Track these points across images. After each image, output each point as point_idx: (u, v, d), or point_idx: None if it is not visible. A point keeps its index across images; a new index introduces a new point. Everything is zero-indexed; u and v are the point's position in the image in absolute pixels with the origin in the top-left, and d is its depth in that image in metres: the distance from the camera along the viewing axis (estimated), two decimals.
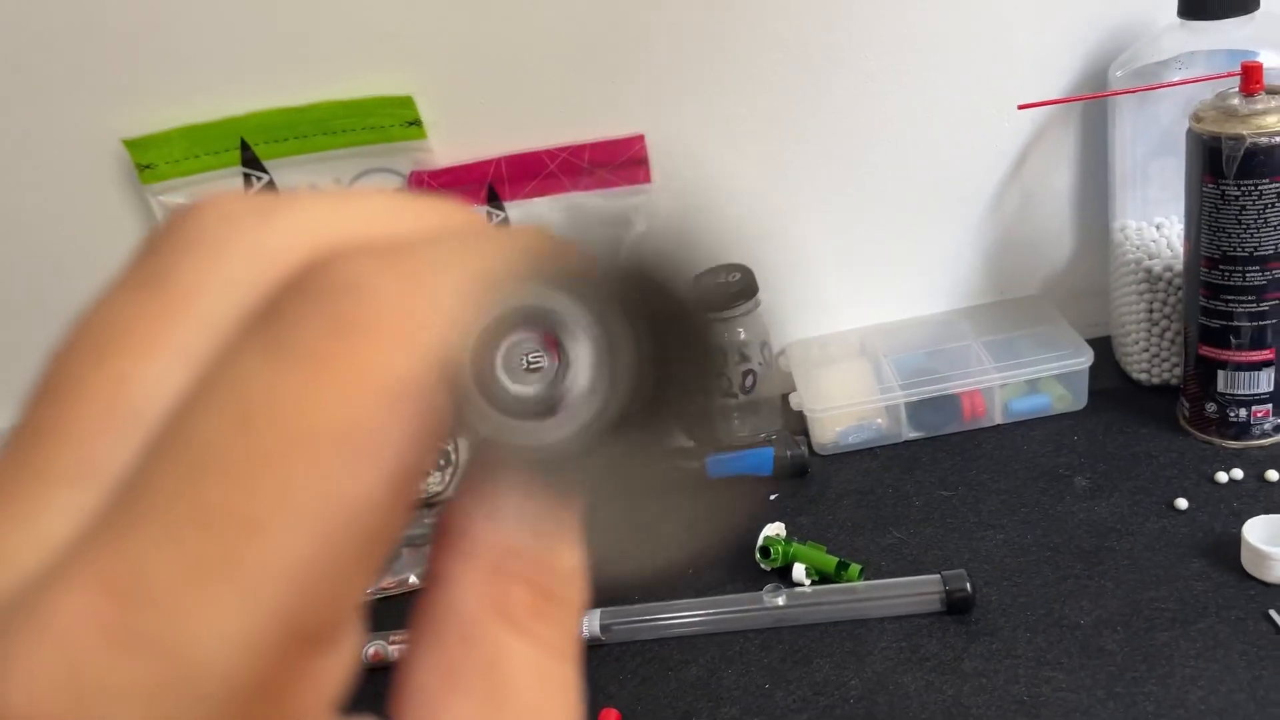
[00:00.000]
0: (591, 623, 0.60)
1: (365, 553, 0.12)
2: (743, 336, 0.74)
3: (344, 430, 0.12)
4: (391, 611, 0.45)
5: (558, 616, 0.14)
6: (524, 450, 0.13)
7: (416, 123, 0.71)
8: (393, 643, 0.60)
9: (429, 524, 0.61)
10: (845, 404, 0.72)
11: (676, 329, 0.14)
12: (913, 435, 0.72)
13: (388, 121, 0.70)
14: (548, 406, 0.13)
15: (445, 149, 0.72)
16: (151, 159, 0.71)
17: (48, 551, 0.12)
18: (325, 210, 0.14)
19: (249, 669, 0.11)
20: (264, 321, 0.13)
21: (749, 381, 0.75)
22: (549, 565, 0.14)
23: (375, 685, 0.14)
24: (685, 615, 0.60)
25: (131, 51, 0.70)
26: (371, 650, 0.59)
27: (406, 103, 0.70)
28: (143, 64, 0.71)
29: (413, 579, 0.65)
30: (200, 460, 0.12)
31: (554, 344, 0.13)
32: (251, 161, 0.72)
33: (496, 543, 0.14)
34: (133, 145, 0.71)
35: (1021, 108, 0.69)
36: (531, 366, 0.13)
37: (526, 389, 0.13)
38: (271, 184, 0.73)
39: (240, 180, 0.72)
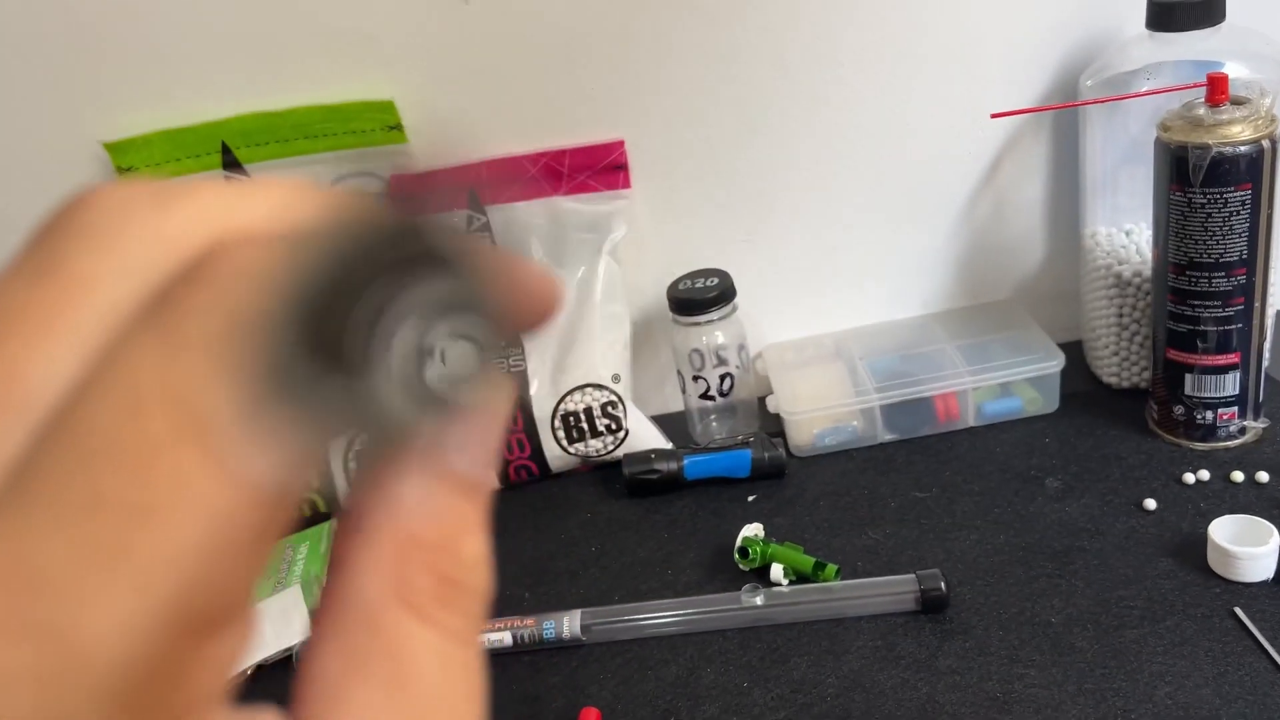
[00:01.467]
0: (572, 623, 0.60)
1: (257, 539, 0.12)
2: (720, 340, 0.75)
3: (235, 418, 0.12)
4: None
5: (462, 603, 0.14)
6: (406, 426, 0.13)
7: (398, 127, 0.71)
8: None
9: None
10: (821, 407, 0.73)
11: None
12: (888, 437, 0.73)
13: (369, 125, 0.71)
14: (442, 390, 0.13)
15: (426, 153, 0.73)
16: (132, 162, 0.72)
17: None
18: (222, 199, 0.14)
19: (139, 655, 0.11)
20: (159, 309, 0.12)
21: (726, 384, 0.76)
22: (453, 553, 0.14)
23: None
24: (664, 615, 0.60)
25: (112, 54, 0.70)
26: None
27: (388, 107, 0.71)
28: (123, 67, 0.71)
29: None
30: (92, 447, 0.11)
31: (447, 330, 0.14)
32: (232, 165, 0.72)
33: (400, 530, 0.14)
34: (113, 149, 0.71)
35: (994, 116, 0.71)
36: (424, 345, 0.14)
37: (417, 366, 0.13)
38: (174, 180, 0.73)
39: None
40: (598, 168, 0.74)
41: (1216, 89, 0.60)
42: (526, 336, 0.14)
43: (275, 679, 0.60)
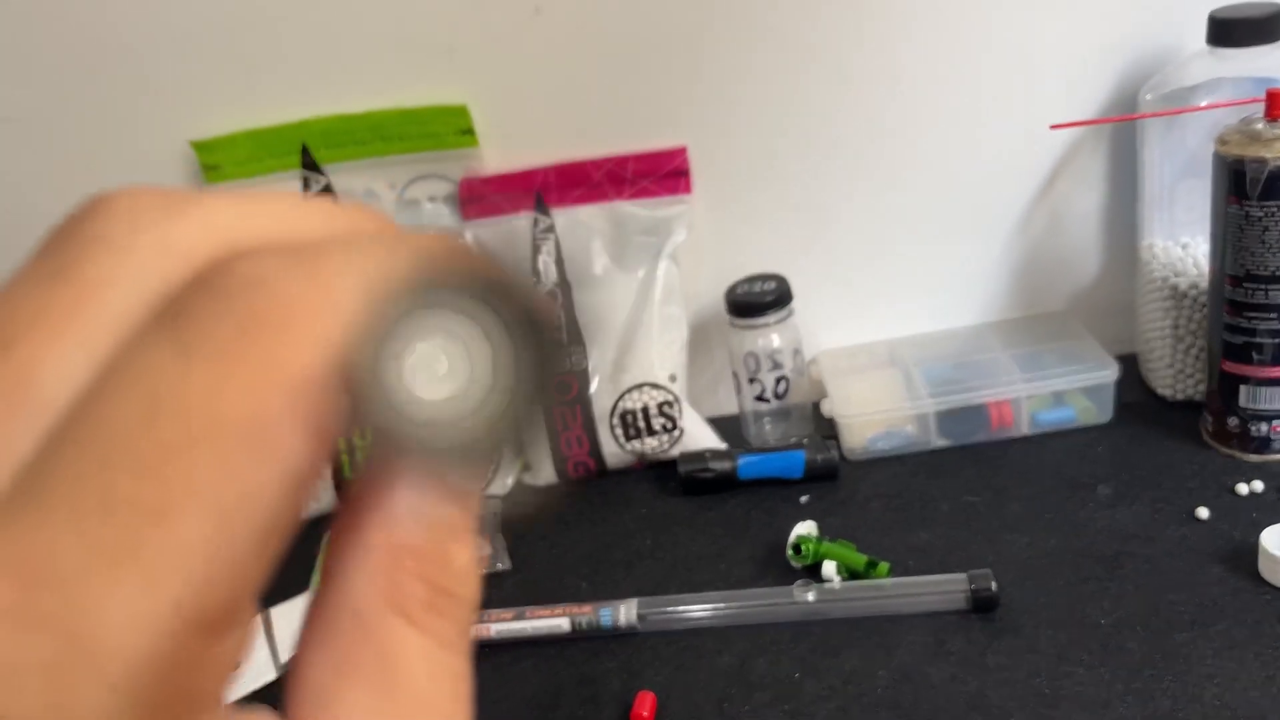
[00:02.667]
0: (629, 611, 0.62)
1: (264, 542, 0.13)
2: (776, 344, 0.76)
3: (246, 422, 0.12)
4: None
5: (451, 611, 0.15)
6: (424, 445, 0.13)
7: (470, 131, 0.74)
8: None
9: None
10: (875, 411, 0.75)
11: (539, 332, 0.14)
12: (940, 443, 0.75)
13: (442, 129, 0.74)
14: (448, 403, 0.13)
15: (496, 157, 0.76)
16: (218, 160, 0.75)
17: None
18: (233, 209, 0.15)
19: (148, 651, 0.12)
20: (171, 316, 0.13)
21: (781, 387, 0.77)
22: (444, 562, 0.15)
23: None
24: (718, 606, 0.62)
25: (202, 58, 0.74)
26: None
27: (461, 112, 0.74)
28: (212, 70, 0.74)
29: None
30: (107, 449, 0.12)
31: (455, 344, 0.14)
32: (311, 165, 0.76)
33: (391, 539, 0.14)
34: (200, 147, 0.75)
35: (1053, 128, 0.72)
36: (434, 365, 0.14)
37: (429, 386, 0.13)
38: (329, 187, 0.76)
39: (300, 182, 0.76)
40: (660, 173, 0.76)
41: (1275, 104, 0.61)
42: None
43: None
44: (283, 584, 0.19)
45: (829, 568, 0.63)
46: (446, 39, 0.73)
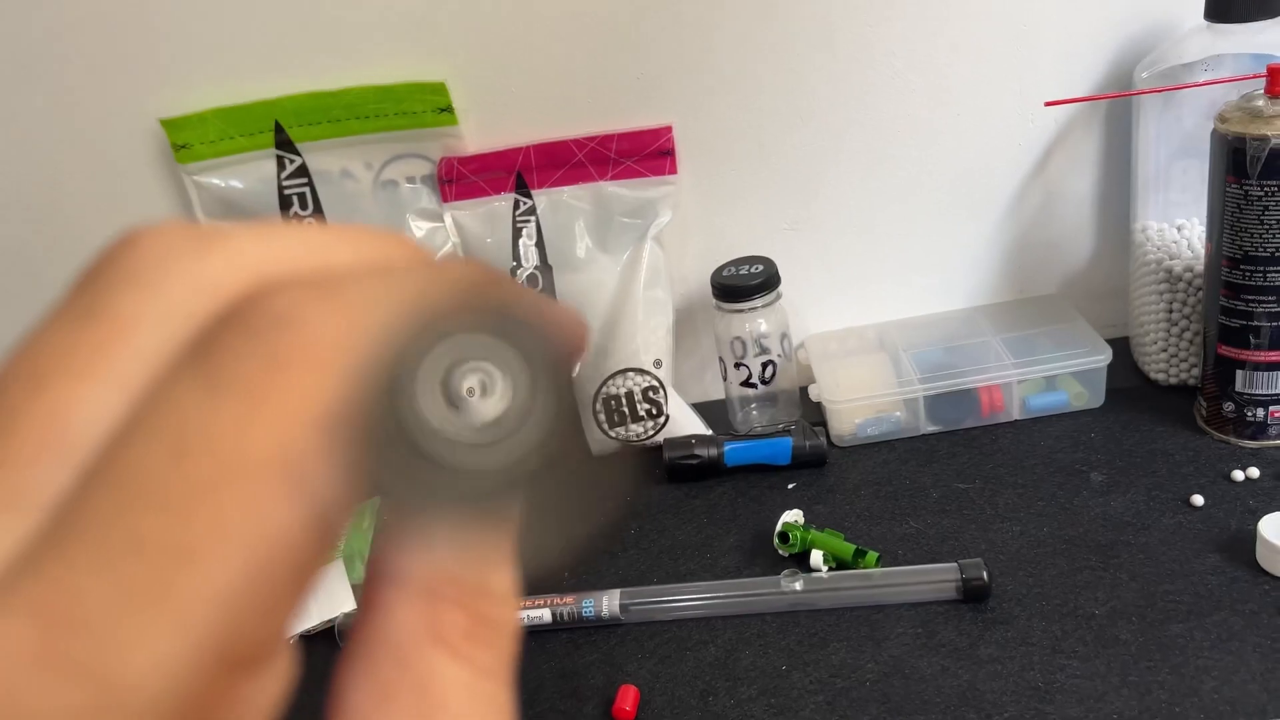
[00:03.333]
0: (611, 602, 0.60)
1: (294, 580, 0.13)
2: (763, 328, 0.75)
3: (276, 461, 0.12)
4: None
5: (490, 639, 0.15)
6: (458, 478, 0.13)
7: (448, 109, 0.72)
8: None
9: None
10: (864, 396, 0.73)
11: (564, 372, 0.15)
12: (930, 429, 0.73)
13: (420, 107, 0.72)
14: (481, 436, 0.13)
15: (476, 136, 0.74)
16: (187, 139, 0.73)
17: None
18: (261, 243, 0.14)
19: (179, 693, 0.11)
20: (200, 353, 0.13)
21: (768, 372, 0.76)
22: (482, 590, 0.15)
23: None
24: (703, 597, 0.61)
25: (170, 33, 0.72)
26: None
27: (439, 89, 0.71)
28: (181, 45, 0.72)
29: None
30: (135, 489, 0.12)
31: (487, 376, 0.14)
32: (285, 144, 0.73)
33: (429, 569, 0.14)
34: (169, 125, 0.73)
35: (1048, 104, 0.70)
36: (464, 398, 0.14)
37: (461, 419, 0.13)
38: (304, 167, 0.74)
39: (274, 162, 0.74)
40: (645, 153, 0.74)
41: (1276, 80, 0.59)
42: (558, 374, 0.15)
43: (317, 650, 0.61)
44: None
45: (817, 557, 0.62)
46: (424, 13, 0.71)
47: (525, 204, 0.75)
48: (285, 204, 0.74)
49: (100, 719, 0.11)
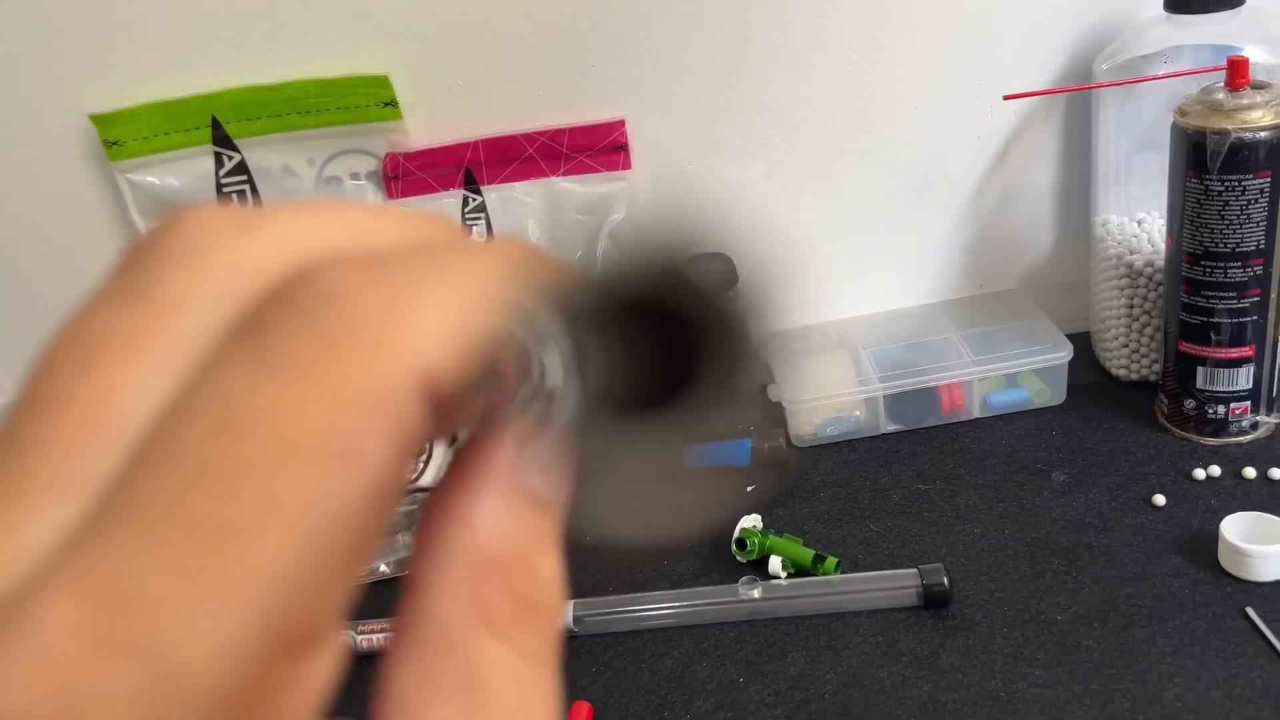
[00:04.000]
0: (565, 614, 0.59)
1: (348, 559, 0.12)
2: None
3: (328, 438, 0.12)
4: (362, 601, 0.44)
5: (537, 623, 0.14)
6: (514, 445, 0.13)
7: (392, 103, 0.69)
8: (361, 632, 0.58)
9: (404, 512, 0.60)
10: (824, 396, 0.72)
11: (680, 324, 0.14)
12: (891, 428, 0.72)
13: (363, 101, 0.69)
14: (531, 410, 0.14)
15: (422, 130, 0.71)
16: (119, 135, 0.70)
17: (32, 562, 0.12)
18: (306, 222, 0.14)
19: (235, 674, 0.11)
20: (247, 332, 0.13)
21: None
22: (528, 572, 0.14)
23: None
24: (659, 607, 0.59)
25: (100, 25, 0.68)
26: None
27: (382, 82, 0.69)
28: (112, 38, 0.69)
29: (383, 568, 0.63)
30: (186, 469, 0.12)
31: (531, 354, 0.14)
32: (222, 140, 0.70)
33: (476, 550, 0.14)
34: (100, 121, 0.70)
35: (1006, 98, 0.69)
36: (514, 375, 0.14)
37: (513, 395, 0.13)
38: (243, 164, 0.71)
39: (211, 159, 0.71)
40: (598, 147, 0.72)
41: (1237, 73, 0.58)
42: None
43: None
44: None
45: (775, 563, 0.60)
46: (367, 3, 0.68)
47: (474, 201, 0.72)
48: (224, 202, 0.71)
49: (157, 700, 0.11)
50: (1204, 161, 0.58)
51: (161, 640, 0.11)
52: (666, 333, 0.15)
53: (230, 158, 0.71)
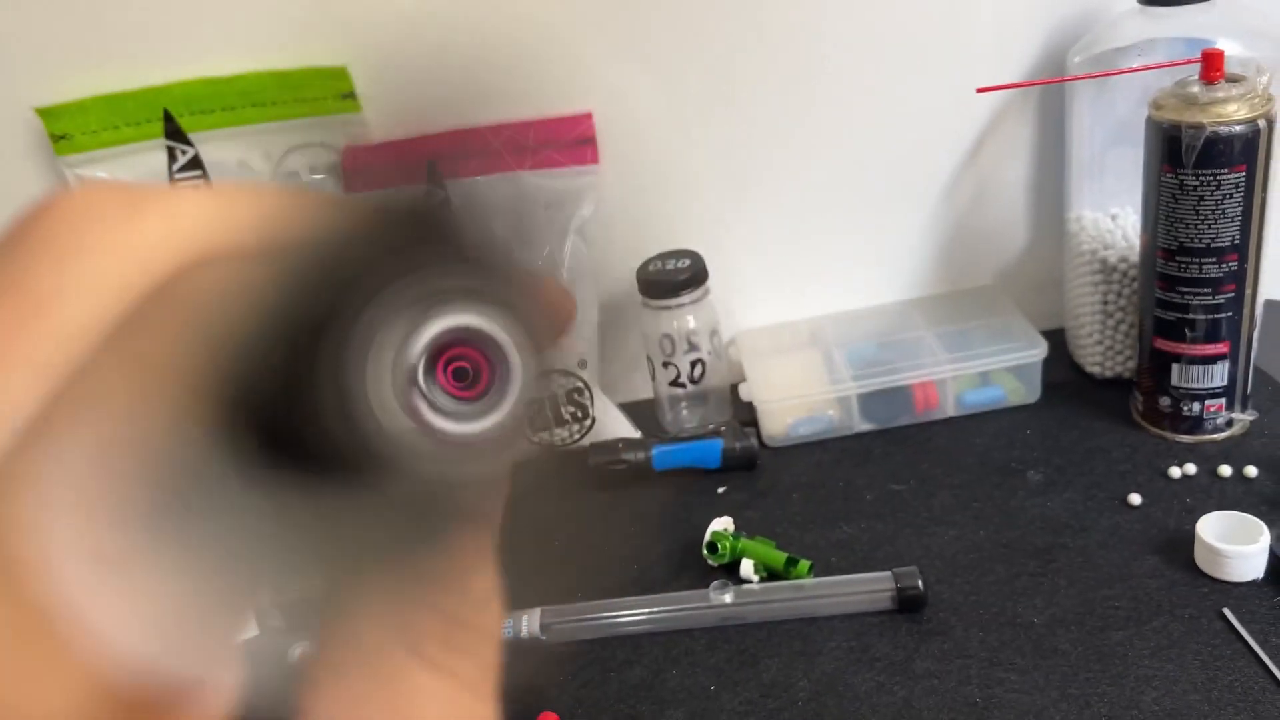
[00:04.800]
0: (531, 621, 0.57)
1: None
2: (691, 324, 0.71)
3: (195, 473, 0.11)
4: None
5: (470, 645, 0.13)
6: (443, 456, 0.12)
7: (351, 95, 0.67)
8: None
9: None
10: (796, 395, 0.70)
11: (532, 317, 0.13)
12: (864, 427, 0.71)
13: (321, 93, 0.67)
14: (469, 416, 0.12)
15: (382, 123, 0.69)
16: (67, 129, 0.67)
17: None
18: (198, 207, 0.13)
19: None
20: (123, 332, 0.11)
21: (697, 371, 0.73)
22: (461, 590, 0.13)
23: None
24: (628, 613, 0.57)
25: (47, 14, 0.66)
26: (298, 652, 0.56)
27: (340, 74, 0.67)
28: (58, 28, 0.66)
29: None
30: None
31: (476, 358, 0.13)
32: (175, 134, 0.68)
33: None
34: (46, 114, 0.67)
35: (980, 91, 0.68)
36: (449, 380, 0.12)
37: (447, 401, 0.12)
38: (197, 158, 0.69)
39: (164, 154, 0.68)
40: (565, 141, 0.70)
41: (1211, 66, 0.57)
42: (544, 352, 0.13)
43: None
44: None
45: (747, 566, 0.59)
46: None
47: (438, 195, 0.70)
48: None
49: None
50: (1179, 156, 0.57)
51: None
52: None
53: (184, 152, 0.68)
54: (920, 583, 0.55)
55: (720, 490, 0.68)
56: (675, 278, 0.70)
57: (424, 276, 0.12)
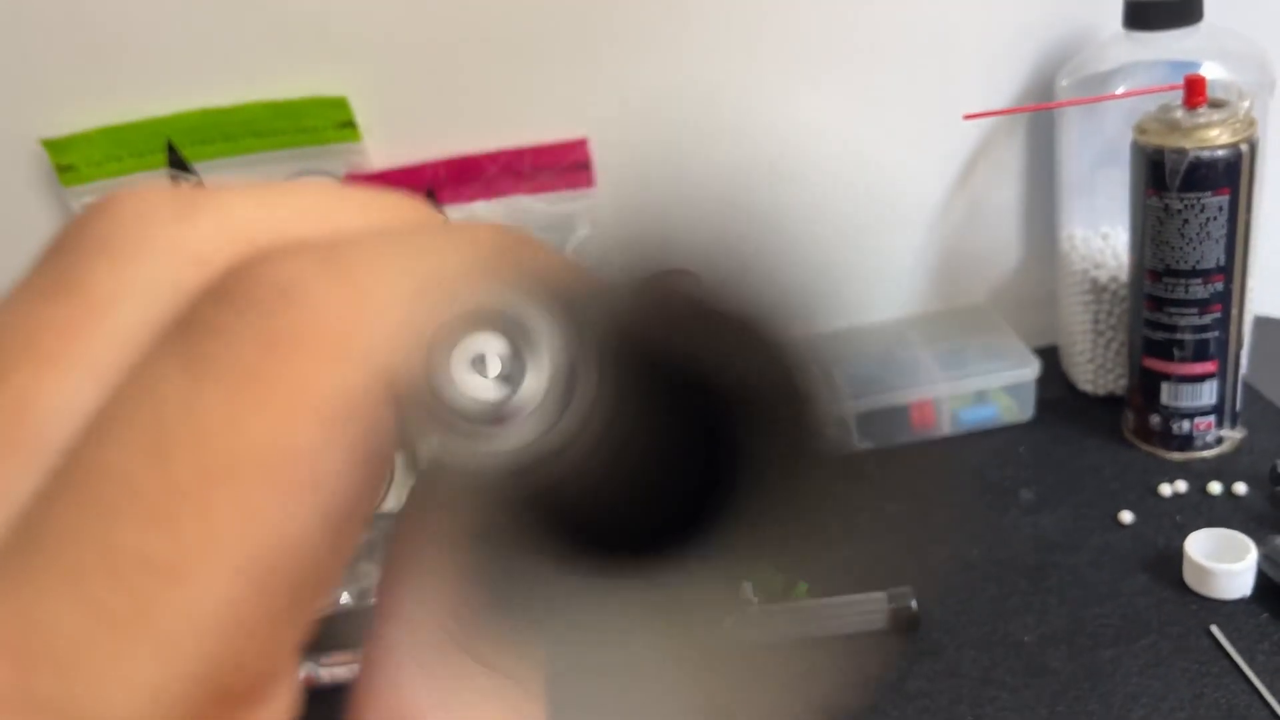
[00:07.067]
0: None
1: (300, 599, 0.11)
2: None
3: (275, 459, 0.10)
4: (324, 632, 0.43)
5: (520, 642, 0.13)
6: (468, 464, 0.11)
7: (350, 124, 0.68)
8: (324, 665, 0.57)
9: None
10: None
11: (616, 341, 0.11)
12: (861, 446, 0.71)
13: (320, 123, 0.68)
14: (497, 417, 0.11)
15: (381, 152, 0.70)
16: (72, 160, 0.68)
17: None
18: (255, 204, 0.13)
19: None
20: (184, 334, 0.11)
21: None
22: (509, 670, 0.13)
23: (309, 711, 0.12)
24: None
25: (52, 47, 0.67)
26: (301, 675, 0.57)
27: (340, 104, 0.68)
28: (64, 60, 0.67)
29: (345, 597, 0.62)
30: (110, 496, 0.10)
31: (517, 357, 0.12)
32: (178, 164, 0.69)
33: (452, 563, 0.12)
34: (52, 146, 0.68)
35: (966, 118, 0.69)
36: (488, 373, 0.11)
37: (480, 397, 0.11)
38: (200, 185, 0.70)
39: (167, 183, 0.69)
40: (561, 166, 0.71)
41: (1194, 91, 0.58)
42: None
43: None
44: None
45: (745, 588, 0.60)
46: (323, 24, 0.67)
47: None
48: None
49: None
50: (1163, 179, 0.58)
51: (80, 698, 0.10)
52: (704, 401, 0.12)
53: (187, 181, 0.70)
54: (914, 603, 0.55)
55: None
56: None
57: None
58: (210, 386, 0.11)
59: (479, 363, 0.11)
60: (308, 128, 0.68)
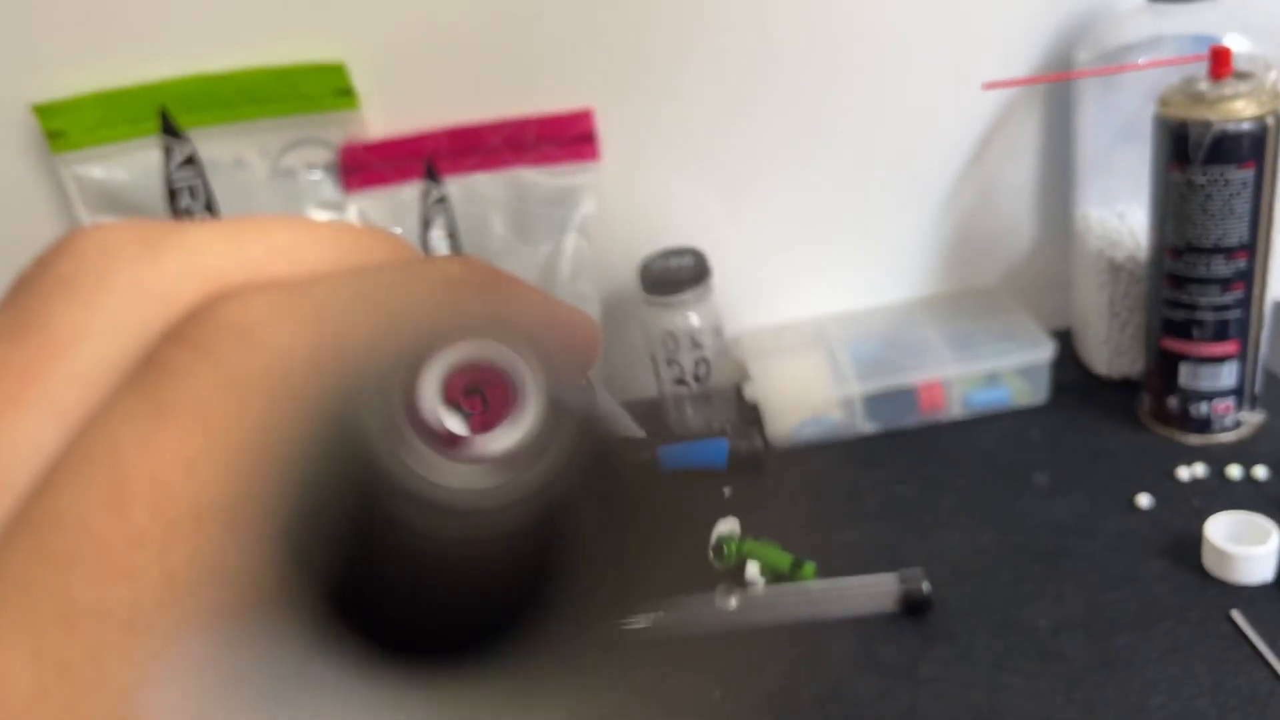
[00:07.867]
0: None
1: (269, 645, 0.11)
2: (694, 322, 0.71)
3: (233, 504, 0.10)
4: None
5: None
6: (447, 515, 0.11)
7: (348, 91, 0.67)
8: None
9: None
10: (800, 396, 0.70)
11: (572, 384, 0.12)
12: (869, 429, 0.70)
13: (317, 90, 0.66)
14: (483, 476, 0.11)
15: (379, 120, 0.68)
16: (63, 126, 0.66)
17: None
18: (224, 242, 0.13)
19: None
20: (145, 374, 0.11)
21: (701, 369, 0.72)
22: None
23: None
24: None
25: (42, 10, 0.65)
26: None
27: (337, 70, 0.66)
28: (54, 24, 0.66)
29: None
30: (68, 545, 0.10)
31: (493, 391, 0.12)
32: (171, 131, 0.67)
33: None
34: (43, 111, 0.66)
35: (985, 87, 0.67)
36: (458, 426, 0.12)
37: (457, 453, 0.11)
38: (193, 156, 0.68)
39: (160, 150, 0.68)
40: (565, 138, 0.69)
41: (1219, 62, 0.56)
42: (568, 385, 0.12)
43: None
44: None
45: (752, 569, 0.58)
46: None
47: (436, 193, 0.70)
48: (174, 195, 0.68)
49: None
50: (1186, 154, 0.56)
51: None
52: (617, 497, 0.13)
53: (180, 149, 0.68)
54: (925, 585, 0.54)
55: (726, 491, 0.67)
56: (677, 275, 0.70)
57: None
58: (169, 430, 0.10)
59: (447, 397, 0.11)
60: (304, 94, 0.66)
